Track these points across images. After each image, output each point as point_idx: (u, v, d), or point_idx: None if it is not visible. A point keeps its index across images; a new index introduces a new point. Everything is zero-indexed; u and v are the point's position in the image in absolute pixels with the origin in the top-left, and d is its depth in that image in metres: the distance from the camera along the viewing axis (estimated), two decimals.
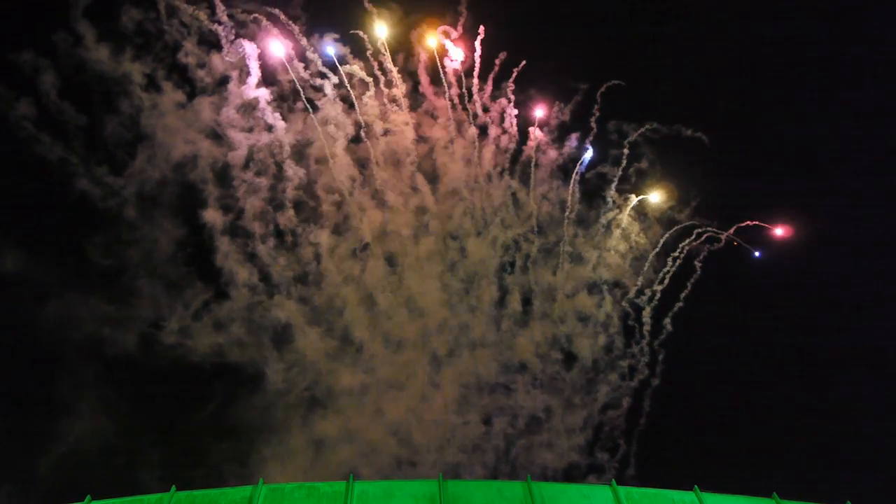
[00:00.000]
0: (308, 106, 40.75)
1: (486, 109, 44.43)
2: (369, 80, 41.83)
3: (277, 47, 38.96)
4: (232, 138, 39.57)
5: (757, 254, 45.72)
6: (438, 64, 43.15)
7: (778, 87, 48.55)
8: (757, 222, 45.53)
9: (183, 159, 39.10)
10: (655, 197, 45.88)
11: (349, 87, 41.34)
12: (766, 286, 46.24)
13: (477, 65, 43.65)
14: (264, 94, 39.78)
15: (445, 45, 43.01)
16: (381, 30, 40.67)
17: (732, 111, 47.81)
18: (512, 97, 44.57)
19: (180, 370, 38.44)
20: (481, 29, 43.10)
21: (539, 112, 45.16)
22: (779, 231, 45.30)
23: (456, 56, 43.30)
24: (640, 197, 45.98)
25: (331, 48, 40.12)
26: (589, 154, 45.59)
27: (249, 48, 38.78)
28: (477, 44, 43.27)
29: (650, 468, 43.86)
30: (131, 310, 38.19)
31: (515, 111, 44.88)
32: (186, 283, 39.38)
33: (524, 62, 43.98)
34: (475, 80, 43.85)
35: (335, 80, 41.06)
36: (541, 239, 45.60)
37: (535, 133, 45.28)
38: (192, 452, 37.45)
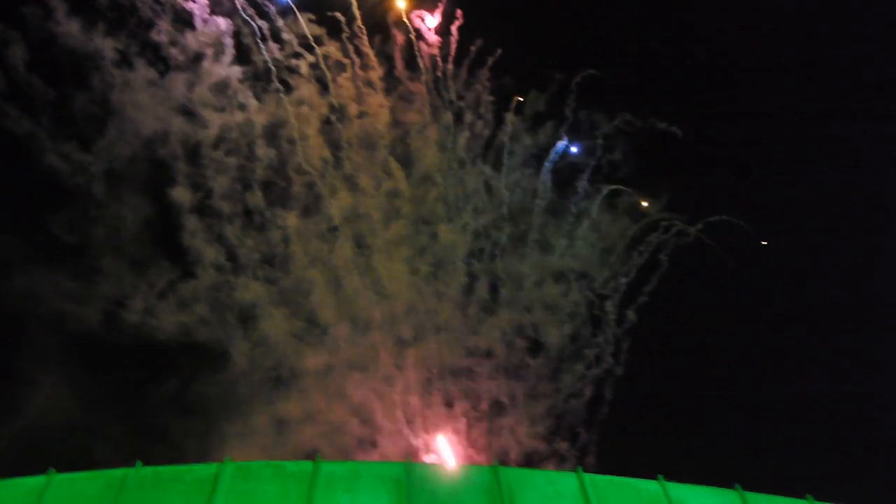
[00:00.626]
0: (280, 86, 40.95)
1: (460, 96, 44.81)
2: (346, 61, 42.03)
3: None
4: (203, 117, 39.68)
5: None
6: (415, 48, 43.40)
7: (757, 84, 49.25)
8: (725, 216, 46.23)
9: (152, 137, 39.18)
10: (627, 189, 46.56)
11: (325, 68, 41.53)
12: (732, 281, 47.11)
13: (454, 50, 43.96)
14: (237, 73, 39.94)
15: (422, 30, 43.27)
16: None
17: (710, 106, 48.44)
18: (488, 84, 44.96)
19: (144, 348, 38.76)
20: (459, 13, 43.41)
21: (515, 100, 45.60)
22: (749, 227, 46.14)
23: (433, 40, 43.58)
24: (610, 188, 46.60)
25: None
26: (562, 143, 46.13)
27: (224, 25, 38.85)
28: (454, 29, 43.57)
29: (611, 457, 44.56)
30: (96, 287, 38.39)
31: (491, 98, 45.31)
32: (152, 262, 39.67)
33: (500, 50, 44.40)
34: (451, 66, 44.17)
35: (311, 59, 41.25)
36: (511, 227, 46.12)
37: (510, 121, 45.72)
38: (154, 429, 37.87)
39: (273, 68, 40.43)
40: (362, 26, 41.62)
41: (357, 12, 41.26)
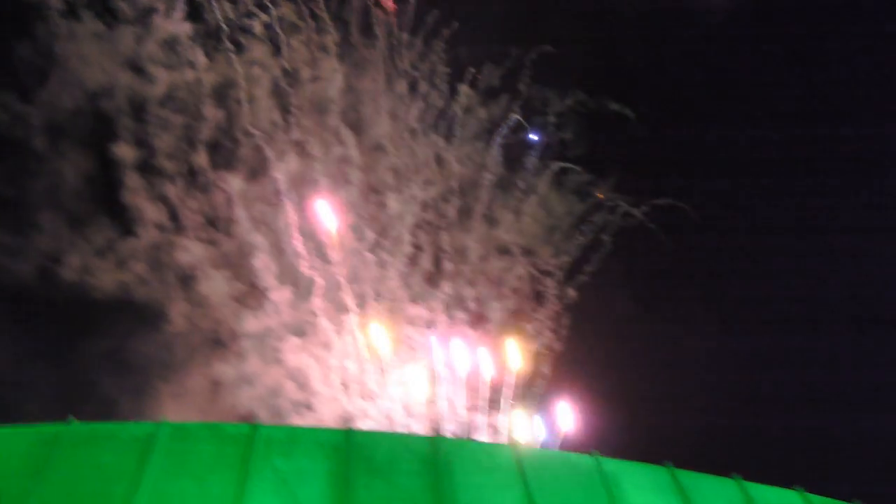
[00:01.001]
0: (232, 46, 40.86)
1: (415, 66, 45.17)
2: (300, 24, 42.02)
3: None
4: (150, 73, 39.47)
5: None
6: (371, 14, 43.59)
7: (713, 69, 50.38)
8: (670, 200, 47.22)
9: (97, 91, 38.87)
10: (576, 168, 47.42)
11: (278, 30, 41.50)
12: (673, 264, 48.34)
13: (410, 19, 44.26)
14: (188, 30, 39.71)
15: None
16: None
17: (664, 90, 49.54)
18: (443, 55, 45.37)
19: (80, 304, 38.70)
20: None
21: (469, 73, 46.09)
22: (693, 212, 47.21)
23: (389, 7, 43.80)
24: (560, 165, 47.41)
25: None
26: (514, 119, 46.80)
27: None
28: None
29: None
30: (32, 242, 38.14)
31: (446, 69, 45.72)
32: (91, 218, 39.52)
33: (457, 23, 44.81)
34: (406, 35, 44.50)
35: (265, 19, 41.18)
36: (460, 200, 46.70)
37: (464, 93, 46.23)
38: (87, 386, 37.94)
39: (225, 27, 40.32)
40: None
41: None
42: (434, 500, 16.86)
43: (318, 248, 44.21)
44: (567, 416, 44.87)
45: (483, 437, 44.24)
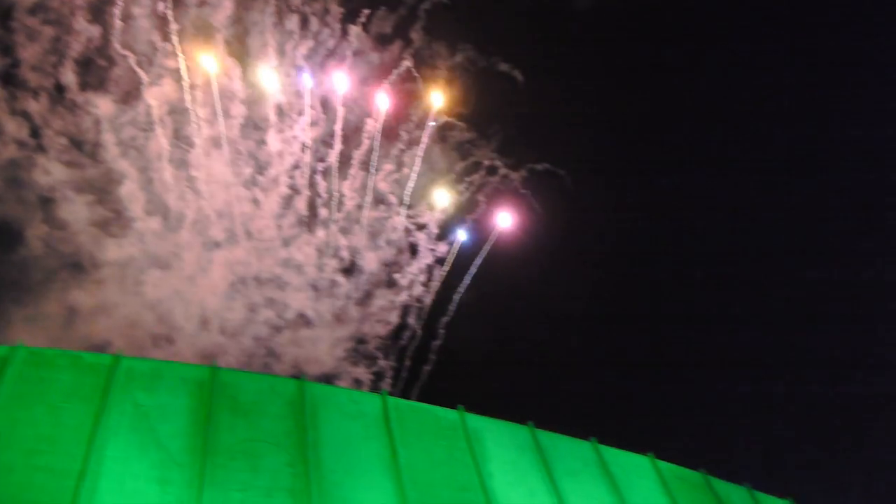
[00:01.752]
0: None
1: (306, 3, 44.37)
2: None
3: None
4: None
5: None
6: None
7: (608, 38, 51.69)
8: (548, 166, 48.53)
9: None
10: (459, 124, 48.03)
11: None
12: (544, 228, 49.90)
13: None
14: None
15: None
16: None
17: (554, 54, 50.45)
18: None
19: None
20: None
21: (363, 16, 45.67)
22: (568, 178, 48.74)
23: None
24: (444, 120, 47.89)
25: None
26: (406, 65, 46.82)
27: None
28: None
29: (410, 386, 47.19)
30: None
31: (340, 10, 45.11)
32: None
33: None
34: None
35: None
36: (342, 145, 46.56)
37: (356, 36, 45.84)
38: None
39: None
40: None
41: None
42: (298, 444, 17.35)
43: (189, 181, 43.39)
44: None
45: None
